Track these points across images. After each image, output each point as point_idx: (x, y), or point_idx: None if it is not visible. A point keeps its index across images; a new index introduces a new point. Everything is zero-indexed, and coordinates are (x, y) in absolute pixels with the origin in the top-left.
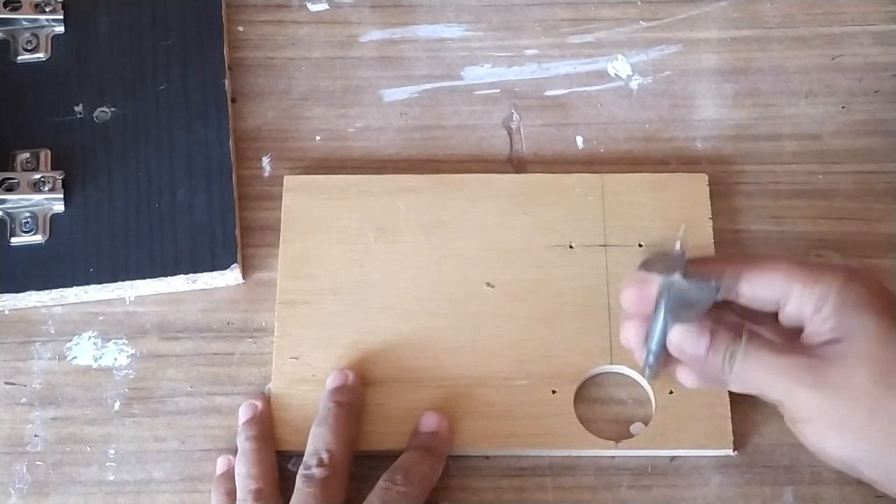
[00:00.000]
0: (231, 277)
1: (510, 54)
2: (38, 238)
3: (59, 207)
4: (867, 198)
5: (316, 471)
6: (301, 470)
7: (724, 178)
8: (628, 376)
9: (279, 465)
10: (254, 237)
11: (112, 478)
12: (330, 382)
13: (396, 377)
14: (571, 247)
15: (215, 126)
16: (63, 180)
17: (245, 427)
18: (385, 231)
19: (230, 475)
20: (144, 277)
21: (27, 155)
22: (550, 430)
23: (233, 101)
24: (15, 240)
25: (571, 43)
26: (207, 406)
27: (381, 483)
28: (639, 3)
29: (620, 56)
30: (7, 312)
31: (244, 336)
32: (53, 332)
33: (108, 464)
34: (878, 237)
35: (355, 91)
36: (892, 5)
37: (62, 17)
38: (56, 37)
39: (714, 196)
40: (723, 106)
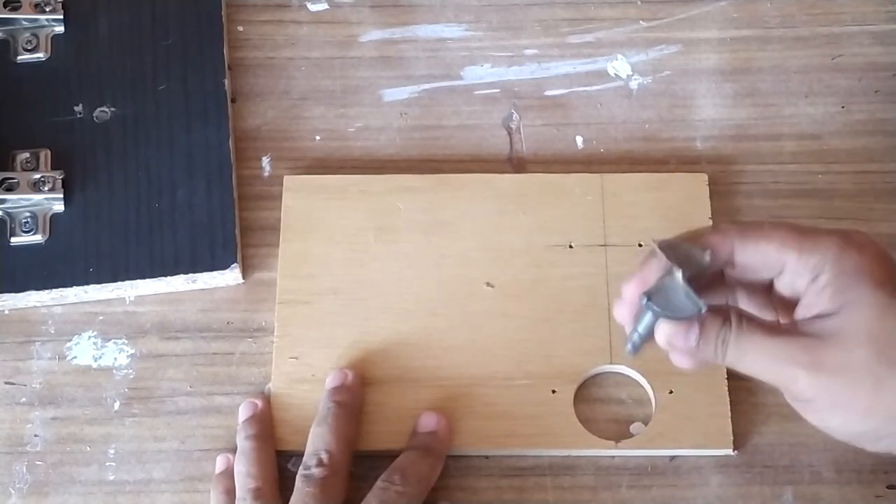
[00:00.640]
0: (231, 277)
1: (510, 54)
2: (38, 238)
3: (59, 207)
4: (867, 198)
5: (315, 471)
6: (301, 470)
7: (724, 178)
8: (628, 376)
9: (279, 465)
10: (254, 237)
11: (112, 478)
12: (329, 382)
13: (396, 377)
14: (571, 247)
15: (215, 126)
16: (63, 180)
17: (245, 426)
18: (385, 231)
19: (229, 474)
20: (144, 277)
21: (27, 155)
22: (550, 430)
23: (233, 101)
24: (15, 240)
25: (571, 43)
26: (207, 406)
27: (380, 483)
28: (639, 3)
29: (620, 56)
30: (7, 312)
31: (244, 336)
32: (53, 332)
33: (108, 464)
34: (878, 237)
35: (355, 91)
36: (892, 5)
37: (62, 17)
38: (56, 37)
39: (714, 196)
40: (723, 106)
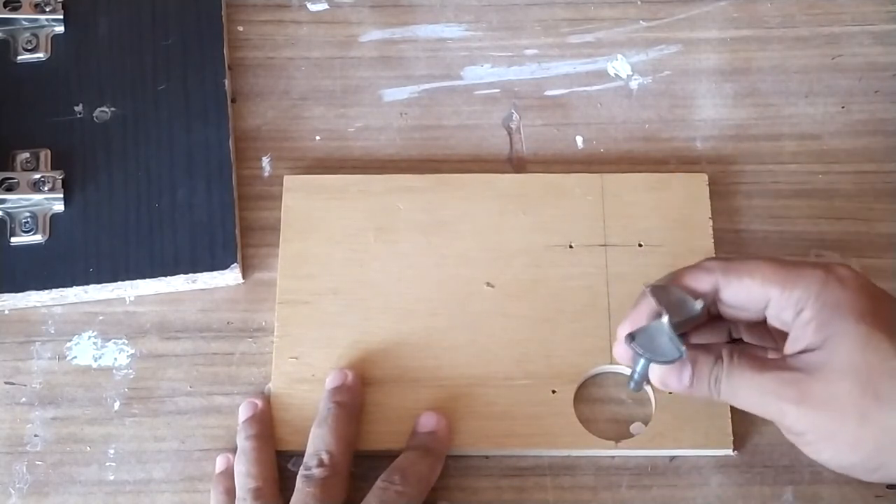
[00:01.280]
0: (231, 277)
1: (510, 54)
2: (38, 238)
3: (59, 207)
4: (867, 198)
5: (316, 471)
6: (301, 470)
7: (724, 178)
8: (628, 376)
9: (279, 465)
10: (254, 237)
11: (112, 478)
12: (329, 382)
13: (396, 377)
14: (571, 247)
15: (215, 126)
16: (63, 180)
17: (245, 426)
18: (385, 231)
19: (229, 474)
20: (144, 277)
21: (27, 155)
22: (550, 430)
23: (233, 101)
24: (15, 240)
25: (571, 43)
26: (207, 406)
27: (379, 483)
28: (639, 3)
29: (620, 56)
30: (7, 312)
31: (244, 336)
32: (53, 332)
33: (108, 464)
34: (878, 237)
35: (355, 91)
36: (892, 5)
37: (62, 17)
38: (56, 37)
39: (714, 196)
40: (723, 106)
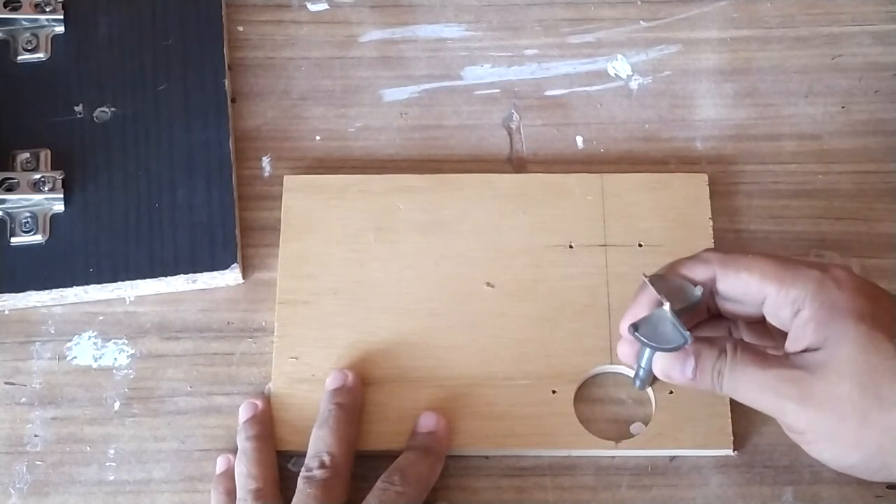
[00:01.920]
0: (231, 277)
1: (510, 54)
2: (38, 238)
3: (59, 207)
4: (867, 198)
5: (317, 472)
6: (302, 472)
7: (724, 178)
8: (628, 376)
9: (279, 465)
10: (254, 237)
11: (112, 478)
12: (329, 383)
13: (396, 377)
14: (571, 247)
15: (215, 126)
16: (63, 180)
17: (245, 426)
18: (385, 231)
19: (230, 474)
20: (144, 277)
21: (27, 155)
22: (550, 430)
23: (233, 101)
24: (15, 240)
25: (571, 43)
26: (207, 406)
27: (379, 484)
28: (639, 3)
29: (620, 56)
30: (7, 312)
31: (244, 336)
32: (53, 332)
33: (108, 464)
34: (878, 237)
35: (355, 91)
36: (892, 5)
37: (62, 17)
38: (56, 37)
39: (714, 196)
40: (723, 106)
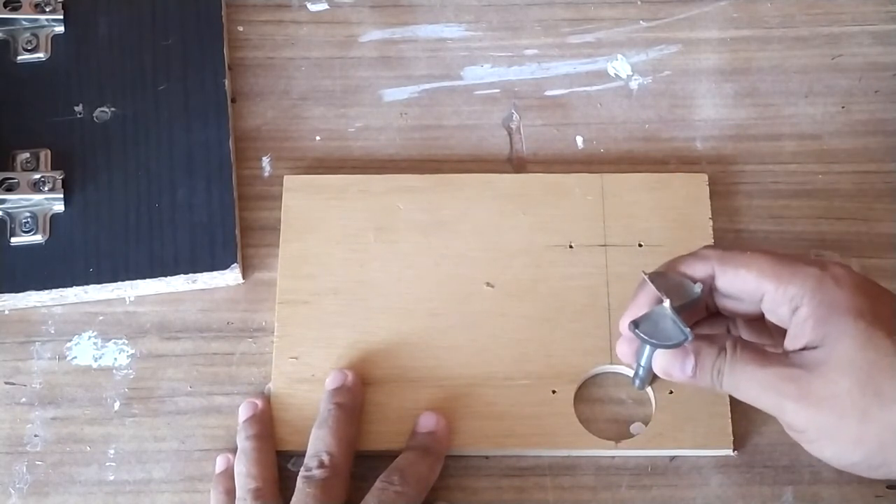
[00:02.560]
0: (231, 277)
1: (510, 54)
2: (38, 238)
3: (59, 207)
4: (867, 198)
5: (317, 472)
6: (302, 471)
7: (724, 178)
8: (628, 376)
9: (279, 465)
10: (254, 237)
11: (112, 478)
12: (329, 383)
13: (396, 377)
14: (571, 247)
15: (215, 126)
16: (63, 180)
17: (245, 426)
18: (385, 231)
19: (229, 474)
20: (144, 277)
21: (27, 155)
22: (550, 430)
23: (233, 101)
24: (15, 240)
25: (571, 43)
26: (207, 406)
27: (378, 484)
28: (639, 3)
29: (620, 56)
30: (7, 312)
31: (244, 336)
32: (53, 332)
33: (108, 464)
34: (878, 237)
35: (355, 91)
36: (892, 5)
37: (62, 17)
38: (56, 37)
39: (714, 196)
40: (723, 106)
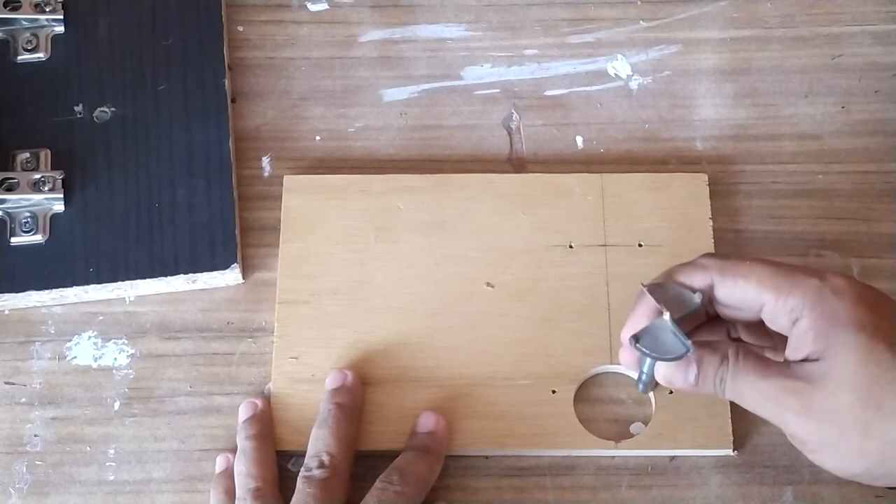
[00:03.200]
0: (231, 277)
1: (510, 54)
2: (38, 238)
3: (59, 207)
4: (867, 198)
5: (317, 472)
6: (302, 472)
7: (724, 178)
8: (628, 376)
9: (279, 465)
10: (254, 237)
11: (112, 478)
12: (329, 383)
13: (396, 377)
14: (571, 247)
15: (215, 126)
16: (63, 180)
17: (245, 426)
18: (385, 231)
19: (229, 474)
20: (144, 277)
21: (27, 155)
22: (550, 430)
23: (233, 101)
24: (15, 240)
25: (571, 43)
26: (207, 406)
27: (378, 484)
28: (639, 3)
29: (620, 56)
30: (7, 312)
31: (244, 336)
32: (53, 332)
33: (108, 464)
34: (878, 237)
35: (355, 91)
36: (892, 5)
37: (62, 17)
38: (56, 37)
39: (714, 196)
40: (723, 106)
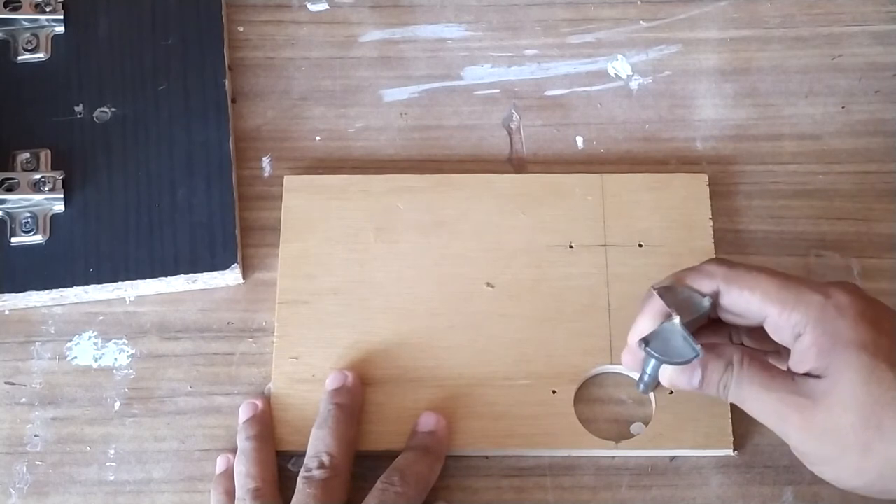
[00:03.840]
0: (231, 277)
1: (510, 54)
2: (38, 238)
3: (59, 207)
4: (867, 198)
5: (317, 472)
6: (302, 472)
7: (724, 178)
8: (628, 376)
9: (279, 465)
10: (254, 237)
11: (112, 478)
12: (329, 383)
13: (396, 377)
14: (571, 247)
15: (215, 126)
16: (63, 180)
17: (245, 426)
18: (385, 231)
19: (229, 474)
20: (144, 277)
21: (27, 155)
22: (550, 430)
23: (233, 101)
24: (15, 240)
25: (571, 43)
26: (207, 406)
27: (379, 484)
28: (639, 3)
29: (620, 56)
30: (7, 312)
31: (244, 336)
32: (53, 332)
33: (108, 464)
34: (878, 237)
35: (355, 91)
36: (892, 5)
37: (62, 17)
38: (56, 37)
39: (714, 196)
40: (723, 106)
